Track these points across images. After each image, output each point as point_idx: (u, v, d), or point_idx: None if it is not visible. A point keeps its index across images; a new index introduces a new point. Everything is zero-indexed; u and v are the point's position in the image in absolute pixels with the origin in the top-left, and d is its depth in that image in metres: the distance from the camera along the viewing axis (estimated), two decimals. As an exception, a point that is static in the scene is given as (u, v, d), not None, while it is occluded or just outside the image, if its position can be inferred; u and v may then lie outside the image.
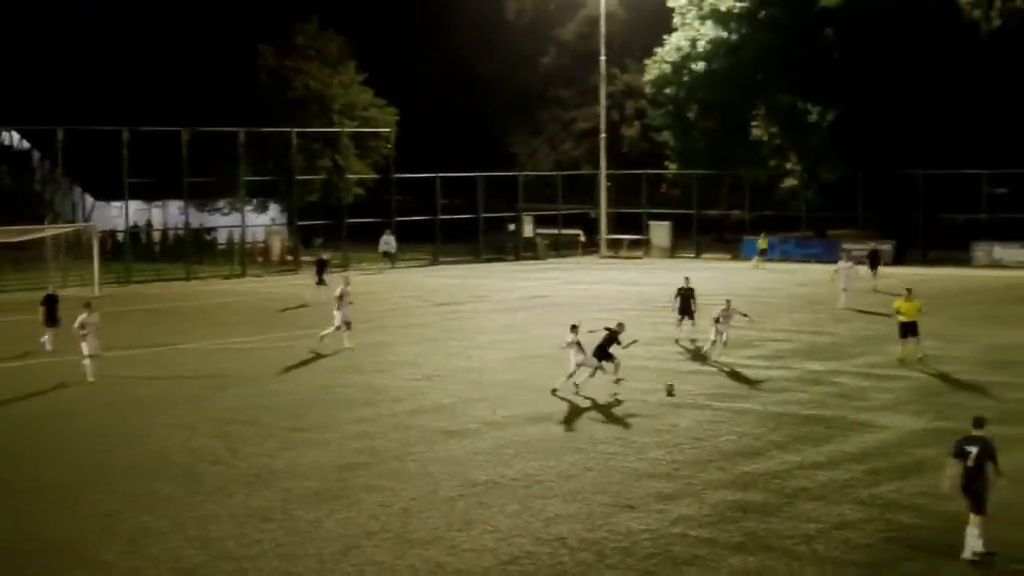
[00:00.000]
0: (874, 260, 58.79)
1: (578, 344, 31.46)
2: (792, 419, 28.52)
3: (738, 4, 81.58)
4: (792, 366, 35.76)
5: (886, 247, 60.23)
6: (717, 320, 37.23)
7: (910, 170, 75.34)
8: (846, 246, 66.44)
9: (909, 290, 37.50)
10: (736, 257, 78.19)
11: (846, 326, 44.67)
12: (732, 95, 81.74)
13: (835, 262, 53.70)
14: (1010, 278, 63.05)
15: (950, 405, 29.95)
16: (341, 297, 39.73)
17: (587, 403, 30.53)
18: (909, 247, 74.55)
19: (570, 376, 31.47)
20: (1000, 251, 71.69)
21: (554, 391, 31.36)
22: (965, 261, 71.49)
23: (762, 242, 72.59)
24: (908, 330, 36.06)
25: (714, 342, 37.17)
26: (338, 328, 39.34)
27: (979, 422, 18.63)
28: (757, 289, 57.86)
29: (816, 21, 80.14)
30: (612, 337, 32.15)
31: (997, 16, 78.39)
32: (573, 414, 29.39)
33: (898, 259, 71.75)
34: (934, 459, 24.28)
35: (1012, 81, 75.03)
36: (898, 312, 36.62)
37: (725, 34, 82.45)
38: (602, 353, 31.93)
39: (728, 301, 38.18)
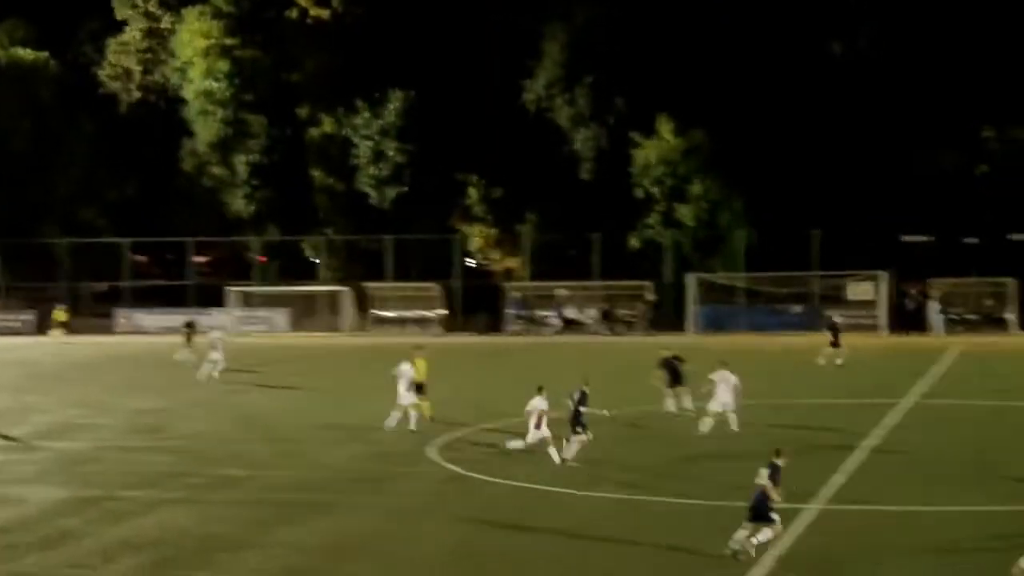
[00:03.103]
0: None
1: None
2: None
3: None
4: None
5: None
6: None
7: (54, 239, 74.90)
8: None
9: (419, 347, 36.93)
10: None
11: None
12: None
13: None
14: (152, 344, 63.70)
15: (95, 473, 29.82)
16: None
17: None
18: (76, 313, 73.20)
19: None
20: (142, 317, 72.71)
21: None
22: (108, 328, 71.64)
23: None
24: (419, 389, 35.11)
25: None
26: None
27: None
28: None
29: None
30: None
31: (137, 89, 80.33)
32: None
33: (40, 328, 70.60)
34: (78, 529, 24.00)
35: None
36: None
37: None
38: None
39: None
